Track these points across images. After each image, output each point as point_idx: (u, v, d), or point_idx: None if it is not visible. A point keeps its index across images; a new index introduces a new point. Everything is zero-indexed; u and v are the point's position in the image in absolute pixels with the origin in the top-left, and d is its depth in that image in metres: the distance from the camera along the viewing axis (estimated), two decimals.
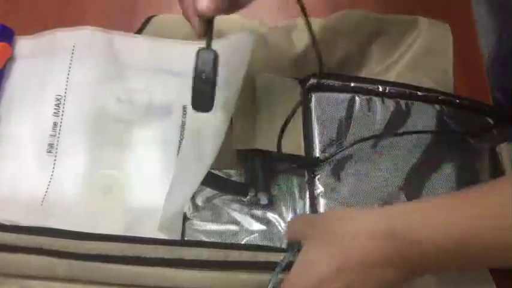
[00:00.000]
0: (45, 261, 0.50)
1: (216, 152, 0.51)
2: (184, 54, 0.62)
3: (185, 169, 0.53)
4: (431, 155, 0.55)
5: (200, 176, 0.50)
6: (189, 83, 0.61)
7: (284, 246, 0.52)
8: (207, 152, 0.51)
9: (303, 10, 0.50)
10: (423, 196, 0.53)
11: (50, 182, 0.58)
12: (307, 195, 0.55)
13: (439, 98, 0.58)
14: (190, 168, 0.52)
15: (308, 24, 0.51)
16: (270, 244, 0.53)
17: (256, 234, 0.54)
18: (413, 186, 0.54)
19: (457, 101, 0.59)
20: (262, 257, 0.49)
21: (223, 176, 0.56)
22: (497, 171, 0.56)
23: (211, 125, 0.53)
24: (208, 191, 0.55)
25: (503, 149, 0.56)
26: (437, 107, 0.58)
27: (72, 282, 0.51)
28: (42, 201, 0.57)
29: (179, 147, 0.60)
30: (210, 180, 0.52)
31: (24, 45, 0.64)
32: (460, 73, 0.64)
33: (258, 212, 0.55)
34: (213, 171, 0.53)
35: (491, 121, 0.59)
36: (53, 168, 0.59)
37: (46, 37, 0.64)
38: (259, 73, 0.60)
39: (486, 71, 0.66)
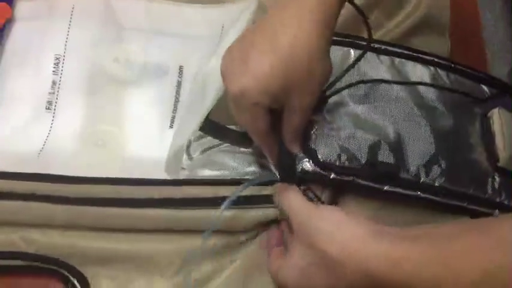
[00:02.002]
0: (42, 207, 0.51)
1: (216, 98, 0.51)
2: (180, 16, 0.64)
3: (188, 117, 0.55)
4: (423, 110, 0.56)
5: (201, 117, 0.50)
6: (185, 43, 0.63)
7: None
8: (210, 98, 0.51)
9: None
10: (409, 149, 0.54)
11: (47, 136, 0.60)
12: None
13: (435, 60, 0.59)
14: (193, 115, 0.53)
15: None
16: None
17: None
18: (403, 137, 0.54)
19: (452, 65, 0.60)
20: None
21: None
22: (486, 136, 0.57)
23: (217, 77, 0.54)
24: (205, 143, 0.56)
25: (495, 113, 0.57)
26: (431, 68, 0.59)
27: (71, 229, 0.52)
28: (39, 154, 0.58)
29: (174, 104, 0.61)
30: (214, 128, 0.52)
31: (23, 7, 0.65)
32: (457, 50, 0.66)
33: (256, 160, 0.56)
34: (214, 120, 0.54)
35: (485, 88, 0.60)
36: (51, 124, 0.60)
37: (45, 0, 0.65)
38: None
39: None
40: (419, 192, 0.52)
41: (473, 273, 0.35)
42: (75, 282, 0.52)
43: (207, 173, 0.55)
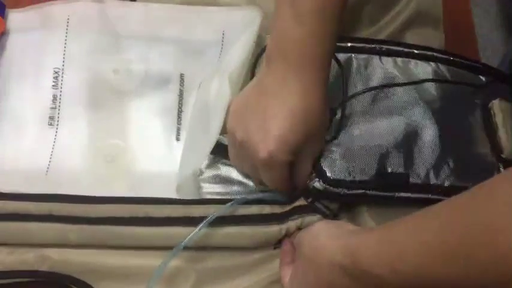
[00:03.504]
0: (56, 228, 0.52)
1: (222, 122, 0.54)
2: (178, 20, 0.63)
3: (195, 138, 0.56)
4: (428, 109, 0.57)
5: (209, 146, 0.54)
6: (185, 50, 0.63)
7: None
8: (215, 122, 0.53)
9: None
10: (415, 152, 0.55)
11: (52, 152, 0.59)
12: None
13: (434, 55, 0.60)
14: (199, 137, 0.55)
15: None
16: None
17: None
18: (409, 141, 0.55)
19: (451, 58, 0.60)
20: (266, 210, 0.53)
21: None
22: (488, 128, 0.58)
23: (220, 97, 0.55)
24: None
25: (495, 104, 0.58)
26: (432, 64, 0.60)
27: (86, 247, 0.53)
28: (47, 172, 0.58)
29: (178, 115, 0.61)
30: (222, 150, 0.54)
31: (16, 18, 0.64)
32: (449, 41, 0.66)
33: None
34: (221, 140, 0.55)
35: (483, 79, 0.61)
36: (55, 139, 0.60)
37: (39, 10, 0.64)
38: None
39: None
40: (430, 195, 0.53)
41: (413, 243, 0.38)
42: None
43: (220, 189, 0.56)
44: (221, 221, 0.52)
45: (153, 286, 0.50)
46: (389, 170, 0.53)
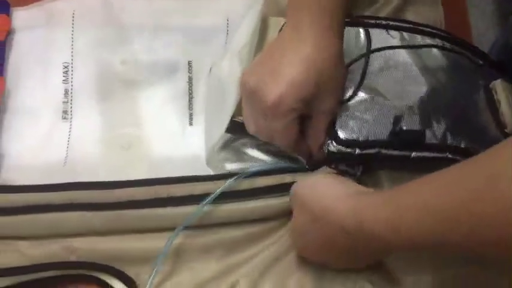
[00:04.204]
0: (79, 216, 0.53)
1: (237, 100, 0.55)
2: (183, 8, 0.64)
3: (213, 116, 0.58)
4: (438, 78, 0.58)
5: (226, 119, 0.55)
6: (191, 37, 0.64)
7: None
8: (230, 98, 0.55)
9: None
10: (431, 114, 0.55)
11: (68, 145, 0.60)
12: None
13: (438, 33, 0.61)
14: (217, 114, 0.56)
15: None
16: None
17: None
18: (423, 104, 0.55)
19: (454, 38, 0.61)
20: (287, 178, 0.54)
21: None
22: (492, 105, 0.58)
23: (232, 74, 0.56)
24: (227, 135, 0.58)
25: (498, 84, 0.59)
26: (438, 40, 0.60)
27: (111, 234, 0.54)
28: (64, 164, 0.59)
29: (189, 101, 0.62)
30: (238, 127, 0.55)
31: (21, 16, 0.65)
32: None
33: (277, 151, 0.57)
34: (236, 119, 0.56)
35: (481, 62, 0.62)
36: (69, 132, 0.61)
37: (43, 7, 0.65)
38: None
39: None
40: (447, 154, 0.53)
41: (416, 205, 0.40)
42: (120, 284, 0.53)
43: (235, 166, 0.57)
44: (243, 194, 0.53)
45: (161, 259, 0.52)
46: (404, 128, 0.53)
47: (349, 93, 0.55)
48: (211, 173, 0.57)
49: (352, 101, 0.54)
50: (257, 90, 0.50)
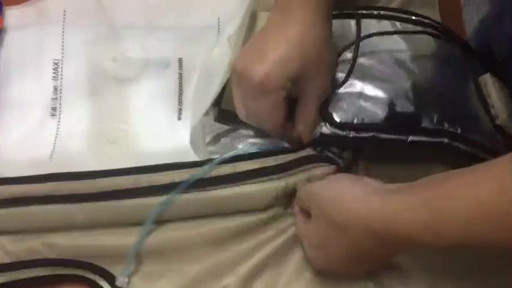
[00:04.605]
0: (61, 209, 0.51)
1: (224, 80, 0.55)
2: (175, 7, 0.65)
3: (200, 96, 0.58)
4: (431, 64, 0.57)
5: (212, 96, 0.56)
6: (182, 35, 0.64)
7: None
8: (217, 78, 0.56)
9: None
10: (426, 99, 0.54)
11: (55, 141, 0.60)
12: None
13: (428, 22, 0.60)
14: (204, 94, 0.57)
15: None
16: None
17: None
18: (419, 88, 0.55)
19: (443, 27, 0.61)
20: (270, 162, 0.52)
21: None
22: (481, 98, 0.57)
23: (221, 57, 0.57)
24: (217, 129, 0.57)
25: (488, 78, 0.58)
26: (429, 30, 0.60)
27: (93, 228, 0.52)
28: (51, 157, 0.59)
29: (179, 96, 0.62)
30: (228, 117, 0.55)
31: (12, 15, 0.65)
32: None
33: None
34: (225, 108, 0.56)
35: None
36: (57, 129, 0.60)
37: (35, 6, 0.65)
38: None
39: None
40: (445, 139, 0.52)
41: (460, 209, 0.38)
42: (105, 283, 0.51)
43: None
44: (222, 181, 0.51)
45: (133, 253, 0.51)
46: (400, 111, 0.52)
47: (341, 79, 0.54)
48: None
49: (346, 87, 0.54)
50: (244, 70, 0.50)
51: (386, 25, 0.60)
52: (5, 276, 0.51)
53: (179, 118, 0.61)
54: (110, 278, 0.51)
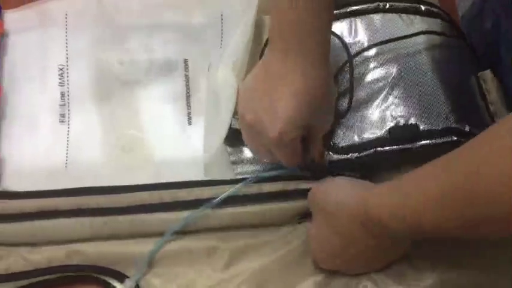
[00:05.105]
0: (86, 222, 0.53)
1: (233, 107, 0.56)
2: (177, 5, 0.64)
3: (211, 124, 0.59)
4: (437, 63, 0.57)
5: (224, 130, 0.57)
6: (186, 35, 0.64)
7: None
8: (226, 110, 0.56)
9: None
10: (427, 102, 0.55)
11: (67, 148, 0.60)
12: None
13: (437, 12, 0.61)
14: (215, 123, 0.57)
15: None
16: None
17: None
18: (415, 92, 0.56)
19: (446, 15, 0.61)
20: (291, 186, 0.55)
21: None
22: (482, 94, 0.59)
23: (227, 85, 0.57)
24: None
25: (487, 75, 0.59)
26: (439, 21, 0.60)
27: (116, 238, 0.54)
28: (66, 166, 0.59)
29: (187, 100, 0.62)
30: (236, 137, 0.56)
31: (13, 18, 0.64)
32: None
33: None
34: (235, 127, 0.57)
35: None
36: (68, 135, 0.61)
37: (36, 9, 0.64)
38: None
39: None
40: (453, 137, 0.53)
41: (417, 194, 0.42)
42: (118, 283, 0.53)
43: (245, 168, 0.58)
44: (248, 199, 0.54)
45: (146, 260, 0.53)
46: (401, 123, 0.54)
47: (343, 103, 0.56)
48: None
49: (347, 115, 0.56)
50: (255, 126, 0.51)
51: (390, 17, 0.60)
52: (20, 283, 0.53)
53: (189, 123, 0.61)
54: (122, 279, 0.54)
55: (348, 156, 0.54)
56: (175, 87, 0.63)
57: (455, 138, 0.54)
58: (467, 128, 0.54)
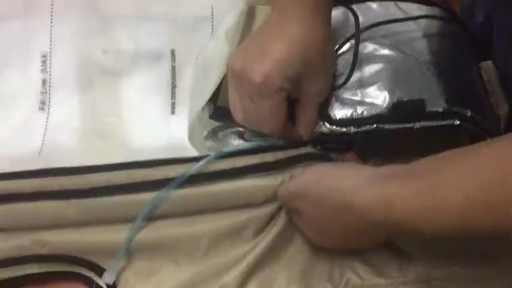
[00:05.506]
0: (52, 205, 0.50)
1: (221, 75, 0.53)
2: None
3: (197, 92, 0.56)
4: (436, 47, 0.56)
5: (208, 92, 0.54)
6: (174, 26, 0.63)
7: None
8: (214, 75, 0.54)
9: None
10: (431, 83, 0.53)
11: (44, 136, 0.58)
12: None
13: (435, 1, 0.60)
14: (201, 90, 0.55)
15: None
16: None
17: None
18: (421, 74, 0.54)
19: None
20: (269, 157, 0.51)
21: None
22: (482, 84, 0.57)
23: (218, 52, 0.55)
24: (212, 124, 0.56)
25: (488, 65, 0.58)
26: (437, 9, 0.59)
27: (85, 225, 0.51)
28: (40, 153, 0.57)
29: (172, 90, 0.61)
30: (224, 114, 0.53)
31: None
32: None
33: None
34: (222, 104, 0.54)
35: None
36: (46, 123, 0.59)
37: None
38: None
39: None
40: (457, 121, 0.51)
41: (457, 198, 0.38)
42: (97, 277, 0.50)
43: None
44: (220, 176, 0.50)
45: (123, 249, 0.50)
46: (404, 99, 0.51)
47: (342, 79, 0.53)
48: None
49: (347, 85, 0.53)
50: (243, 71, 0.49)
51: (387, 4, 0.59)
52: None
53: (173, 112, 0.60)
54: (101, 272, 0.50)
55: (345, 130, 0.51)
56: (160, 77, 0.61)
57: (458, 122, 0.51)
58: (468, 113, 0.51)
